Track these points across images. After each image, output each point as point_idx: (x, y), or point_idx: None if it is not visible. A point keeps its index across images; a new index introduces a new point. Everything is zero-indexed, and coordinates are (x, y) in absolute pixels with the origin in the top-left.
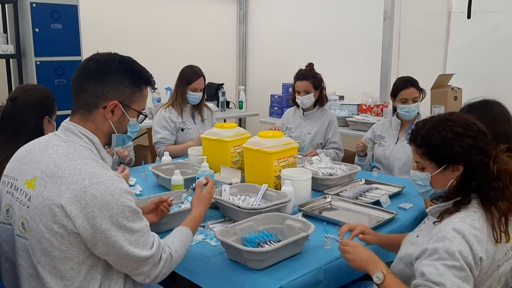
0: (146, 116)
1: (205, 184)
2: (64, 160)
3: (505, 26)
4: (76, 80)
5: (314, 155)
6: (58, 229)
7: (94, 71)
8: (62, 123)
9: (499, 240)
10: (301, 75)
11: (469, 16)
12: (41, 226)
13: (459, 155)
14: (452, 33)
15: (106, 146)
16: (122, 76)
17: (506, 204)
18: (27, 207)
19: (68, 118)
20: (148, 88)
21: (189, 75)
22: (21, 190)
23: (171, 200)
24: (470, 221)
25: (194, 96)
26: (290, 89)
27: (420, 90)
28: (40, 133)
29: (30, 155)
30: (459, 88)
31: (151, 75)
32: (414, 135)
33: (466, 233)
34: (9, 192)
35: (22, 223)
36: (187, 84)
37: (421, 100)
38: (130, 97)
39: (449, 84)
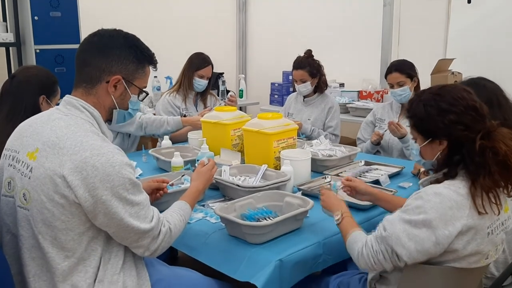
0: (147, 94)
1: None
2: (66, 132)
3: (505, 10)
4: (80, 54)
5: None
6: (59, 199)
7: (99, 45)
8: (64, 98)
9: (483, 212)
10: (296, 64)
11: (469, 1)
12: (42, 197)
13: (441, 131)
14: (452, 18)
15: (107, 122)
16: (126, 51)
17: (489, 181)
18: (29, 178)
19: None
20: (150, 67)
21: (199, 61)
22: (22, 162)
23: (167, 189)
24: (455, 188)
25: (200, 83)
26: (290, 77)
27: (408, 74)
28: (37, 111)
29: (31, 128)
30: (459, 73)
31: (153, 54)
32: (410, 105)
33: (446, 198)
34: (11, 165)
35: (23, 194)
36: (196, 70)
37: (415, 85)
38: (133, 73)
39: (449, 68)
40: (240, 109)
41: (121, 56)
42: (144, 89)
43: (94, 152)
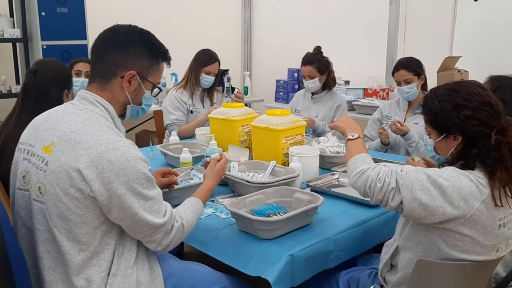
0: (161, 90)
1: (219, 160)
2: (81, 126)
3: None
4: (95, 49)
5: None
6: (75, 193)
7: (114, 41)
8: (79, 92)
9: (499, 204)
10: (305, 60)
11: None
12: (58, 190)
13: (456, 126)
14: (458, 16)
15: (121, 117)
16: (141, 47)
17: (506, 175)
18: (44, 171)
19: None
20: (164, 64)
21: (205, 58)
22: (38, 155)
23: (177, 182)
24: (475, 177)
25: (207, 79)
26: (296, 74)
27: (415, 72)
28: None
29: (46, 123)
30: (465, 71)
31: (168, 50)
32: (425, 101)
33: (467, 179)
34: (26, 159)
35: (39, 187)
36: (202, 66)
37: (422, 83)
38: (148, 69)
39: (455, 66)
40: (245, 106)
41: (136, 51)
42: (158, 85)
43: (110, 146)
